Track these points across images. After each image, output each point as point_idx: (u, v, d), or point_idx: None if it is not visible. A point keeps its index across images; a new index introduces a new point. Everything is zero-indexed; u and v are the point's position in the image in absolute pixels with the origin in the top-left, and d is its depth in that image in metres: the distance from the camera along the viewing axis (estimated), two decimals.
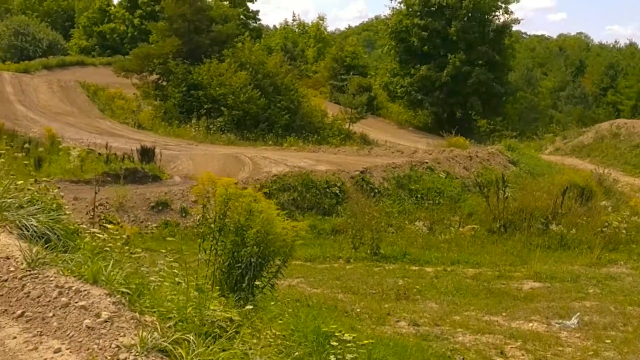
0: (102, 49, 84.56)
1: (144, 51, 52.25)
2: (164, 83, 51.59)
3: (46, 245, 5.70)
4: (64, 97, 55.74)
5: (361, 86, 58.15)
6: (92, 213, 17.20)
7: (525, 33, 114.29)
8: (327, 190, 19.87)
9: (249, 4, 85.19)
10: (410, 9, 66.47)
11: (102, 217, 17.34)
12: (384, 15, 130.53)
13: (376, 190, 20.86)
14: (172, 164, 29.83)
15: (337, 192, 19.97)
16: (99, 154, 30.20)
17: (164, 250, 14.88)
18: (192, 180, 26.95)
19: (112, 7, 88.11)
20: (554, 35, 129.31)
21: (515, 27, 69.62)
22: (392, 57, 69.01)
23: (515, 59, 70.47)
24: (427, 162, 23.38)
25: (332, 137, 49.61)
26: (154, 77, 52.53)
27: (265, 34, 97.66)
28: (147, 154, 28.15)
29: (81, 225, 7.59)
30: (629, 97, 77.72)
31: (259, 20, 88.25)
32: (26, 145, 28.97)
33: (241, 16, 75.44)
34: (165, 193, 18.40)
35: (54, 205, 7.03)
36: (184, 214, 17.99)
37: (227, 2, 74.91)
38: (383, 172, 21.94)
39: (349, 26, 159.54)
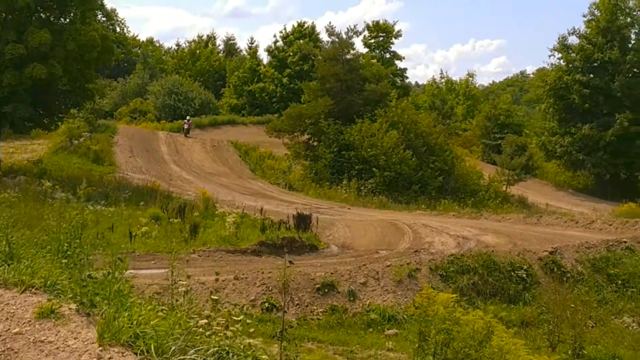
0: (252, 107, 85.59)
1: (296, 111, 51.69)
2: (315, 143, 50.75)
3: None
4: (217, 157, 55.96)
5: (517, 146, 55.32)
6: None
7: None
8: (512, 273, 17.62)
9: (397, 62, 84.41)
10: (571, 65, 63.26)
11: (264, 301, 15.83)
12: (532, 73, 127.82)
13: (569, 275, 18.43)
14: (327, 231, 28.34)
15: (524, 276, 17.67)
16: (254, 219, 29.19)
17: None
18: (349, 249, 25.41)
19: (262, 67, 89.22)
20: None
21: None
22: (550, 115, 65.72)
23: None
24: (625, 242, 20.72)
25: (489, 200, 47.14)
26: (305, 137, 51.83)
27: (412, 92, 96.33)
28: (303, 221, 26.72)
29: None
30: None
31: (407, 78, 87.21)
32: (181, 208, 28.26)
33: (390, 74, 74.29)
34: (332, 274, 16.75)
35: None
36: (351, 298, 16.26)
37: (376, 61, 74.28)
38: (575, 252, 19.47)
39: (493, 81, 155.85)
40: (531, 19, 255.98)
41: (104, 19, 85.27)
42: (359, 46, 78.71)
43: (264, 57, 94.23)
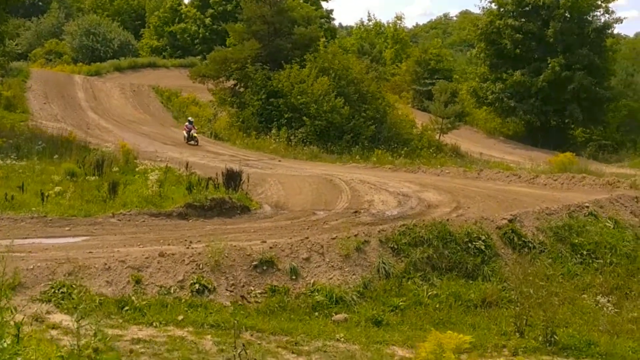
0: (173, 49, 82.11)
1: (221, 55, 49.04)
2: (242, 89, 48.37)
3: None
4: (137, 103, 53.17)
5: (450, 93, 53.93)
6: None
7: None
8: (470, 245, 15.94)
9: (323, 3, 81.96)
10: (503, 9, 61.88)
11: (194, 282, 13.84)
12: (455, 16, 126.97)
13: (530, 245, 16.89)
14: (259, 189, 26.38)
15: (482, 247, 16.01)
16: (179, 175, 27.06)
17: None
18: (283, 210, 23.55)
19: (184, 7, 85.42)
20: (631, 35, 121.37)
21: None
22: (482, 61, 64.46)
23: (616, 62, 65.21)
24: (587, 207, 19.27)
25: (423, 150, 45.82)
26: (231, 83, 49.39)
27: (339, 35, 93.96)
28: (233, 178, 24.61)
29: None
30: None
31: (333, 19, 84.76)
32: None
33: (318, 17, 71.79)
34: (271, 248, 14.81)
35: None
36: (294, 276, 14.39)
37: (302, 1, 71.61)
38: (536, 220, 17.89)
39: (417, 24, 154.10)
40: None
41: None
42: None
43: None
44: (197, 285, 13.81)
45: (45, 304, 12.53)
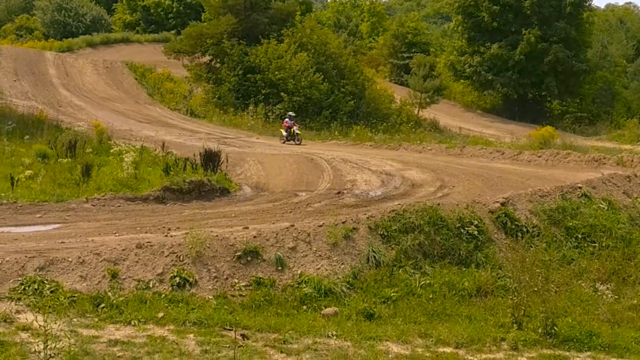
0: (147, 24, 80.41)
1: (196, 30, 48.04)
2: (218, 65, 47.42)
3: None
4: (110, 79, 51.96)
5: (429, 67, 53.26)
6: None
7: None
8: (462, 230, 15.24)
9: None
10: None
11: (174, 275, 13.10)
12: None
13: (524, 229, 16.24)
14: (238, 169, 25.59)
15: (475, 233, 15.31)
16: (155, 155, 26.25)
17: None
18: (264, 191, 22.81)
19: None
20: (602, 6, 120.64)
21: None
22: (459, 34, 63.82)
23: (592, 35, 64.87)
24: (580, 187, 18.65)
25: (402, 125, 45.24)
26: (207, 58, 48.41)
27: (314, 8, 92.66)
28: (211, 159, 23.78)
29: None
30: None
31: None
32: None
33: None
34: (255, 237, 14.06)
35: None
36: (279, 267, 13.65)
37: None
38: (529, 202, 17.21)
39: None
40: None
41: None
42: None
43: None
44: (177, 279, 13.06)
45: (15, 302, 11.73)
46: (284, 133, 34.89)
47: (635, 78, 77.46)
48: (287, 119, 35.47)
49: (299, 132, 35.00)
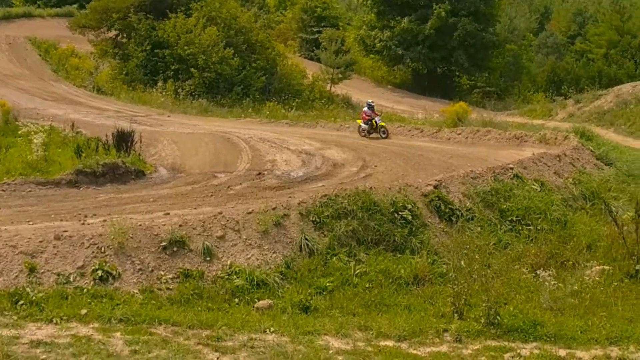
0: None
1: (101, 4, 46.14)
2: (124, 40, 45.82)
3: None
4: (13, 56, 49.97)
5: (340, 42, 52.78)
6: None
7: None
8: (396, 215, 14.90)
9: None
10: None
11: (96, 267, 12.36)
12: None
13: (458, 213, 16.02)
14: (152, 149, 24.84)
15: (409, 217, 15.00)
16: (64, 135, 25.14)
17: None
18: (181, 173, 22.08)
19: None
20: None
21: None
22: (369, 8, 63.31)
23: (501, 9, 65.41)
24: (512, 168, 18.55)
25: (314, 101, 44.80)
26: (113, 33, 46.73)
27: None
28: (124, 140, 22.84)
29: None
30: (599, 45, 73.47)
31: None
32: None
33: None
34: (180, 226, 13.41)
35: None
36: (208, 257, 13.04)
37: None
38: (462, 185, 16.98)
39: None
40: None
41: None
42: None
43: None
44: (99, 272, 12.36)
45: None
46: (363, 125, 29.36)
47: (539, 51, 79.16)
48: (365, 108, 30.13)
49: (383, 123, 29.44)
